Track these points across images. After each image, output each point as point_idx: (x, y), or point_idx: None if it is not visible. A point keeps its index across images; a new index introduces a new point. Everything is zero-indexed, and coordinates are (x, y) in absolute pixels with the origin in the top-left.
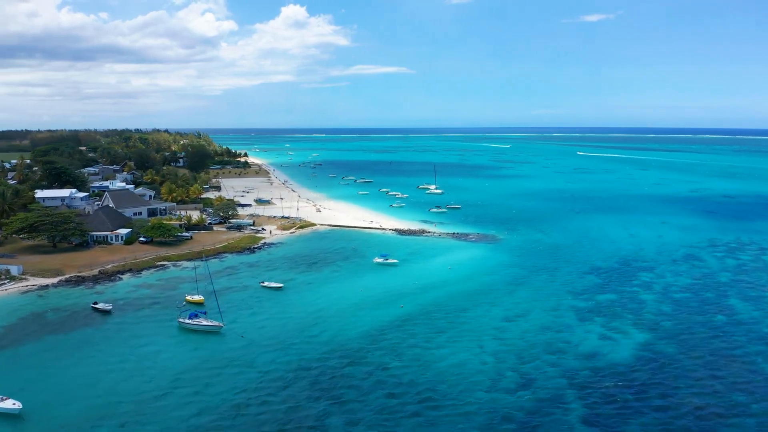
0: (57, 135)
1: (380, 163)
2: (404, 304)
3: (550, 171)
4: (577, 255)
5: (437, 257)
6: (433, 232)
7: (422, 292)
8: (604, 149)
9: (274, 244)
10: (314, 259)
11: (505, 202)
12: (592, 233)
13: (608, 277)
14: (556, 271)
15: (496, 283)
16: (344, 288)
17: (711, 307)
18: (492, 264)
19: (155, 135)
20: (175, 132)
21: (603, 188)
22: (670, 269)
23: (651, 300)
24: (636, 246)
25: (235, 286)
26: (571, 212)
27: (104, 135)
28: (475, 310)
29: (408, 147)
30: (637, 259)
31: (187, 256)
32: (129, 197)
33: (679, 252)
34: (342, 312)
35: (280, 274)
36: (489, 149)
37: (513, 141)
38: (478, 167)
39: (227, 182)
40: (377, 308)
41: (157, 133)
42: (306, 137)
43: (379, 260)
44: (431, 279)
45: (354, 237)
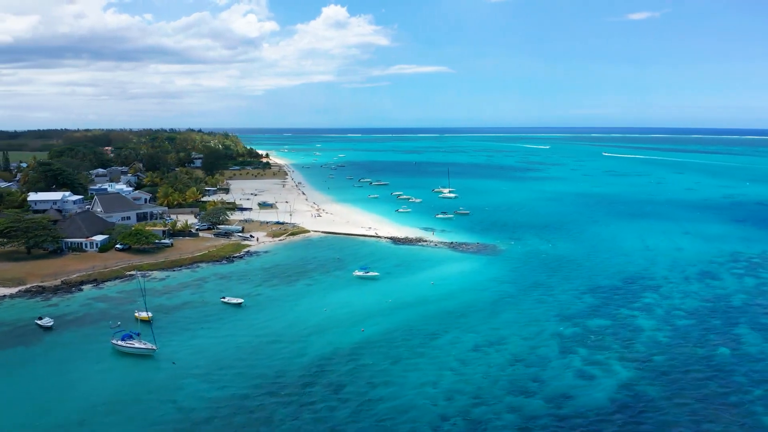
0: (90, 134)
1: (405, 164)
2: (368, 327)
3: (579, 174)
4: (580, 270)
5: (424, 270)
6: (431, 241)
7: (393, 312)
8: (642, 150)
9: (257, 253)
10: (292, 271)
11: (520, 206)
12: (604, 244)
13: (607, 298)
14: (551, 290)
15: (478, 302)
16: (309, 306)
17: (715, 338)
18: (481, 279)
19: (184, 135)
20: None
21: (630, 193)
22: (680, 289)
23: (648, 327)
24: (648, 260)
25: (193, 301)
26: (588, 219)
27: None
28: (444, 335)
29: (439, 147)
30: (646, 275)
31: (160, 266)
32: (119, 201)
33: (694, 268)
34: (294, 336)
35: (248, 288)
36: (521, 150)
37: (552, 141)
38: (505, 168)
39: (240, 184)
40: (335, 332)
41: (187, 132)
42: (341, 137)
43: (359, 273)
44: (408, 296)
45: (345, 246)
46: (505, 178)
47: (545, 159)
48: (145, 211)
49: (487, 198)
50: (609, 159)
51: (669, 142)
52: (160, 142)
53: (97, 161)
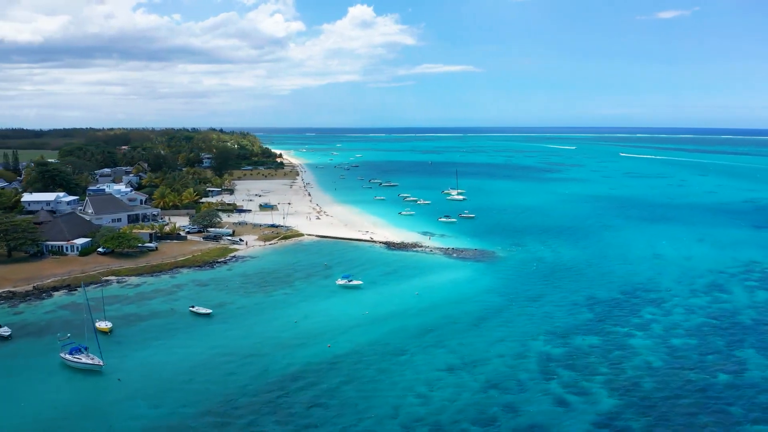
0: (111, 133)
1: (421, 164)
2: (337, 343)
3: (598, 175)
4: (580, 280)
5: (412, 279)
6: (426, 247)
7: (368, 325)
8: (667, 151)
9: (243, 258)
10: (273, 279)
11: (530, 209)
12: (610, 251)
13: (604, 313)
14: (544, 302)
15: (462, 316)
16: (281, 318)
17: (714, 362)
18: (471, 290)
19: (202, 134)
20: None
21: (648, 195)
22: (684, 303)
23: (642, 348)
24: (655, 270)
25: (162, 310)
26: (599, 224)
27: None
28: (417, 353)
29: (459, 147)
30: (650, 287)
31: (139, 271)
32: (110, 202)
33: (703, 279)
34: (255, 352)
35: (222, 297)
36: (543, 150)
37: (579, 142)
38: (523, 169)
39: (247, 184)
40: (300, 348)
41: (205, 132)
42: (363, 137)
43: (342, 282)
44: (389, 308)
45: (336, 250)
46: (521, 179)
47: (566, 160)
48: (137, 213)
49: (497, 200)
50: (631, 160)
51: (697, 142)
52: (177, 141)
53: (104, 161)
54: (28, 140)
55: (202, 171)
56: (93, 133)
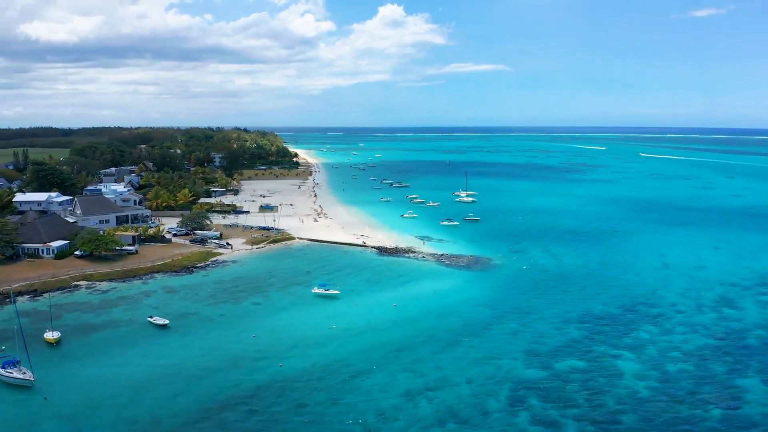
0: (134, 132)
1: (440, 164)
2: (292, 360)
3: (621, 176)
4: (576, 292)
5: (394, 288)
6: (420, 253)
7: (331, 341)
8: (696, 152)
9: (225, 263)
10: (248, 286)
11: (541, 212)
12: (616, 259)
13: (594, 330)
14: (531, 317)
15: (439, 332)
16: (240, 331)
17: (710, 392)
18: (454, 301)
19: (222, 133)
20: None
21: (669, 198)
22: (687, 320)
23: (630, 373)
24: (660, 281)
25: (120, 320)
26: (610, 228)
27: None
28: (377, 375)
29: (483, 147)
30: (651, 301)
31: (111, 276)
32: (99, 203)
33: (712, 292)
34: (201, 370)
35: (187, 306)
36: (569, 150)
37: (610, 142)
38: (543, 169)
39: (255, 185)
40: (250, 365)
41: (225, 131)
42: (388, 136)
43: (318, 291)
44: (360, 322)
45: (323, 256)
46: (540, 180)
47: (590, 160)
48: (126, 214)
49: (509, 202)
50: (657, 161)
51: (730, 143)
52: (196, 140)
53: (113, 160)
54: (55, 138)
55: (211, 171)
56: (119, 131)
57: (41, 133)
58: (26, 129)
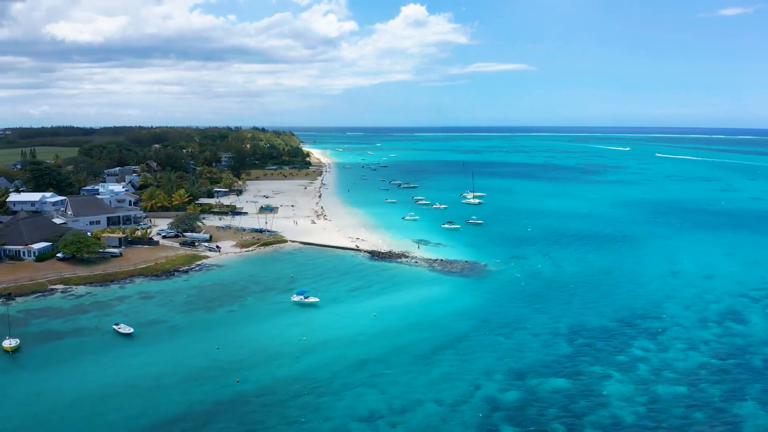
0: (150, 131)
1: (454, 164)
2: (252, 376)
3: (638, 178)
4: (572, 302)
5: (378, 296)
6: (413, 258)
7: (298, 355)
8: (719, 153)
9: (209, 267)
10: (226, 293)
11: (548, 215)
12: (621, 266)
13: (586, 346)
14: (521, 329)
15: (416, 345)
16: (205, 341)
17: (702, 420)
18: (441, 311)
19: (237, 133)
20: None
21: (686, 201)
22: (687, 335)
23: (616, 397)
24: (665, 291)
25: (86, 327)
26: (620, 233)
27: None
28: (340, 394)
29: (501, 147)
30: (652, 313)
31: (90, 279)
32: (90, 204)
33: (719, 304)
34: (156, 384)
35: (160, 313)
36: (587, 151)
37: (634, 142)
38: (560, 170)
39: (261, 185)
40: (207, 381)
41: (240, 131)
42: (408, 136)
43: (297, 298)
44: (334, 332)
45: (313, 260)
46: (554, 181)
47: (608, 161)
48: (118, 215)
49: (518, 203)
50: (677, 162)
51: (756, 144)
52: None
53: (120, 159)
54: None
55: (218, 171)
56: (138, 131)
57: (62, 132)
58: (47, 128)
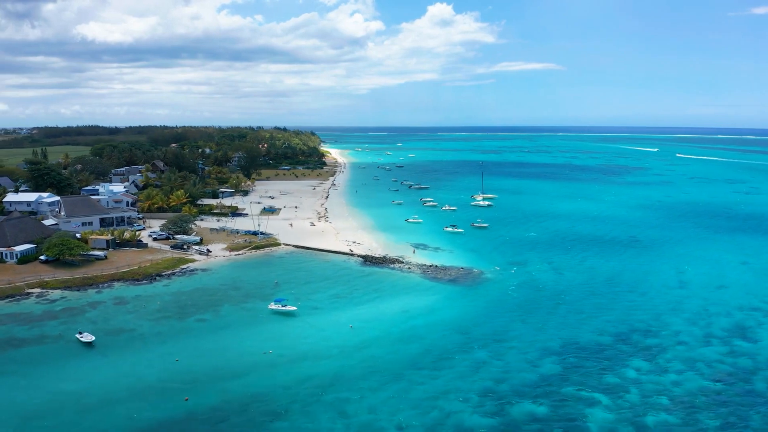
0: (172, 131)
1: (472, 164)
2: (203, 394)
3: (659, 179)
4: (568, 314)
5: (361, 305)
6: (406, 263)
7: (259, 371)
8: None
9: (193, 271)
10: (204, 299)
11: (559, 217)
12: (627, 275)
13: (574, 366)
14: (507, 345)
15: (389, 362)
16: (166, 353)
17: None
18: (424, 323)
19: (255, 133)
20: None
21: (704, 203)
22: (688, 355)
23: (598, 426)
24: (670, 302)
25: (49, 335)
26: (630, 238)
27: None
28: (293, 417)
29: (523, 147)
30: (654, 328)
31: (69, 283)
32: (83, 205)
33: (728, 319)
34: (103, 399)
35: (127, 321)
36: (611, 151)
37: (663, 143)
38: (580, 171)
39: (270, 185)
40: (156, 399)
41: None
42: (431, 136)
43: (274, 306)
44: (303, 345)
45: (302, 264)
46: (572, 181)
47: (631, 162)
48: (112, 216)
49: (530, 206)
50: (702, 163)
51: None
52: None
53: (131, 158)
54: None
55: (228, 171)
56: (161, 130)
57: (87, 132)
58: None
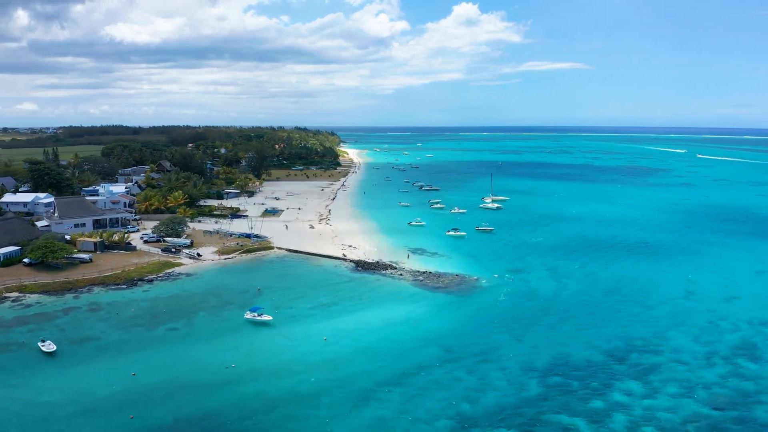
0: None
1: (491, 165)
2: (152, 411)
3: (680, 181)
4: (559, 329)
5: (342, 316)
6: (399, 269)
7: (216, 387)
8: None
9: (177, 276)
10: (180, 307)
11: (569, 221)
12: (632, 283)
13: (560, 387)
14: (489, 363)
15: (360, 381)
16: (126, 365)
17: None
18: (402, 337)
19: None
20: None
21: (724, 206)
22: (687, 376)
23: None
24: (675, 316)
25: (13, 342)
26: (640, 243)
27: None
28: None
29: (545, 148)
30: (652, 345)
31: (49, 287)
32: (77, 206)
33: (735, 335)
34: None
35: (96, 329)
36: (634, 152)
37: (691, 144)
38: (600, 171)
39: (278, 186)
40: (104, 415)
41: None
42: (454, 136)
43: (249, 316)
44: (271, 360)
45: (291, 269)
46: (588, 183)
47: (653, 163)
48: (105, 218)
49: (540, 208)
50: (728, 164)
51: None
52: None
53: (141, 158)
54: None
55: (238, 171)
56: (181, 130)
57: (111, 131)
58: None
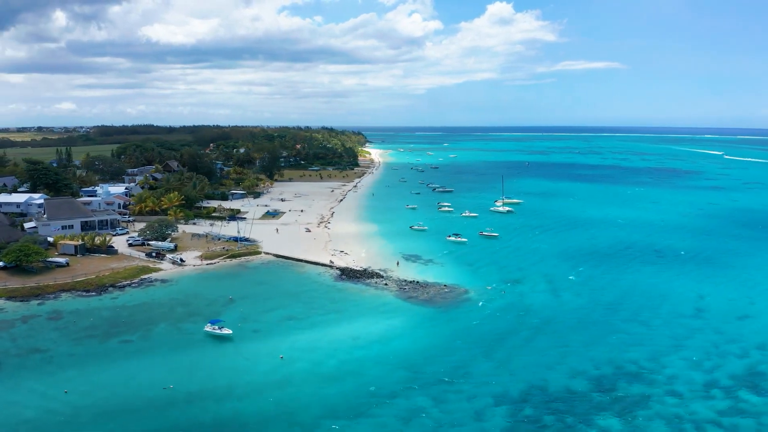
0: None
1: (517, 165)
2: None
3: (709, 184)
4: (548, 350)
5: (307, 331)
6: (386, 278)
7: (142, 411)
8: None
9: (151, 282)
10: (143, 317)
11: (582, 226)
12: (634, 299)
13: (529, 421)
14: (456, 391)
15: (307, 410)
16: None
17: None
18: (367, 356)
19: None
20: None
21: (750, 213)
22: (678, 411)
23: None
24: (678, 336)
25: None
26: (652, 253)
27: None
28: None
29: (574, 148)
30: (646, 370)
31: (16, 293)
32: (66, 207)
33: (743, 361)
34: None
35: (49, 341)
36: (667, 153)
37: (729, 146)
38: (627, 173)
39: (288, 187)
40: None
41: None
42: (483, 136)
43: (209, 329)
44: (220, 380)
45: (273, 277)
46: (611, 184)
47: (684, 165)
48: (94, 220)
49: (554, 212)
50: (762, 167)
51: None
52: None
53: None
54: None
55: (248, 171)
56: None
57: (142, 131)
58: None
